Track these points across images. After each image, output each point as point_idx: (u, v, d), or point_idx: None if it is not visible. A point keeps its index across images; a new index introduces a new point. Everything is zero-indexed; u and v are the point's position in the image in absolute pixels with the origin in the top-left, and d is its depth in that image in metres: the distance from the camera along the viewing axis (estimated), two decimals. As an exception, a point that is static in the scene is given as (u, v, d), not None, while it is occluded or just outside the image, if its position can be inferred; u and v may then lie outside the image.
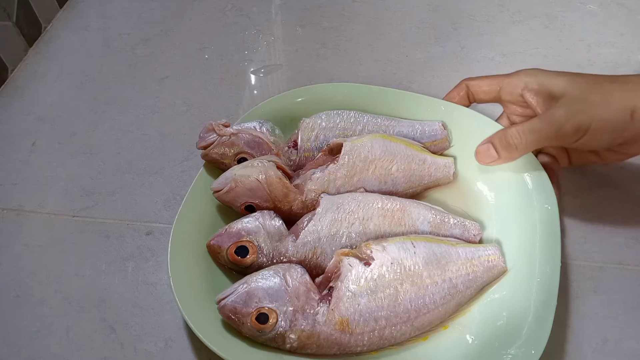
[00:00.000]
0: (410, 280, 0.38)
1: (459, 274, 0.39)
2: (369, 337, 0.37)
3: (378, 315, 0.37)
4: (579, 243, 0.45)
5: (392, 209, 0.42)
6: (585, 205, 0.47)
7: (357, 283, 0.37)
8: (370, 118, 0.48)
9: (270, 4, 0.70)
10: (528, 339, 0.36)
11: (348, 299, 0.37)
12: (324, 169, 0.44)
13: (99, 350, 0.41)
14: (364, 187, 0.44)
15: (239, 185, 0.42)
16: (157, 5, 0.71)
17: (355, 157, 0.44)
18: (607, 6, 0.65)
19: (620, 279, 0.43)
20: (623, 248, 0.44)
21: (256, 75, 0.61)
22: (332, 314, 0.37)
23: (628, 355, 0.39)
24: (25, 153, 0.55)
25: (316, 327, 0.37)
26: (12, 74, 0.63)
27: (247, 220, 0.41)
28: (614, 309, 0.41)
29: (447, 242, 0.41)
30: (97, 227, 0.49)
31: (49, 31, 0.69)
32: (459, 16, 0.66)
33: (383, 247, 0.38)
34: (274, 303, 0.37)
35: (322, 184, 0.43)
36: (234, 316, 0.37)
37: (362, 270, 0.37)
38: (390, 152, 0.45)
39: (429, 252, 0.39)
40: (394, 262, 0.38)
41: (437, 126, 0.48)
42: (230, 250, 0.40)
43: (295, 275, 0.38)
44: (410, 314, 0.38)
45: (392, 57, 0.62)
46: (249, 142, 0.46)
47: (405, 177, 0.45)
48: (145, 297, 0.44)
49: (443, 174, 0.47)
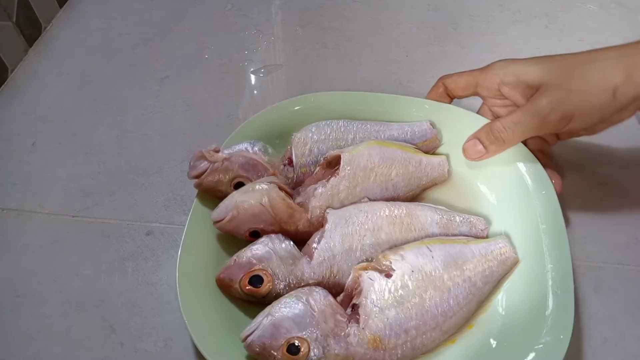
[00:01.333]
0: (434, 285, 0.37)
1: (476, 272, 0.39)
2: (402, 349, 0.36)
3: (408, 326, 0.36)
4: (579, 243, 0.45)
5: (399, 215, 0.42)
6: (585, 205, 0.47)
7: (382, 297, 0.36)
8: (360, 125, 0.48)
9: (270, 4, 0.70)
10: (554, 325, 0.36)
11: (376, 315, 0.36)
12: (326, 184, 0.43)
13: (99, 350, 0.41)
14: (367, 197, 0.44)
15: (241, 212, 0.41)
16: (157, 5, 0.71)
17: (355, 167, 0.43)
18: (607, 6, 0.65)
19: (620, 279, 0.43)
20: (623, 248, 0.44)
21: (256, 75, 0.61)
22: (363, 333, 0.35)
23: (628, 355, 0.39)
24: (25, 153, 0.55)
25: (350, 350, 0.35)
26: (12, 74, 0.63)
27: (256, 247, 0.40)
28: (614, 309, 0.41)
29: (459, 241, 0.41)
30: (97, 227, 0.49)
31: (49, 31, 0.69)
32: (459, 16, 0.66)
33: (401, 256, 0.38)
34: (303, 331, 0.35)
35: (326, 198, 0.42)
36: (263, 352, 0.35)
37: (385, 282, 0.37)
38: (388, 158, 0.44)
39: (446, 254, 0.39)
40: (415, 270, 0.37)
41: (426, 126, 0.49)
42: (243, 281, 0.39)
43: (318, 298, 0.37)
44: (438, 320, 0.37)
45: (392, 57, 0.62)
46: (244, 165, 0.44)
47: (405, 181, 0.45)
48: (145, 297, 0.44)
49: (439, 173, 0.47)
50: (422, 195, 0.47)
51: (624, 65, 0.39)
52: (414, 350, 0.37)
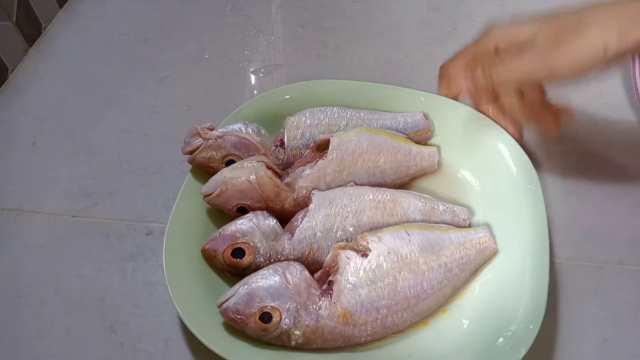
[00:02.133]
0: (408, 268, 0.39)
1: (453, 258, 0.40)
2: (372, 326, 0.38)
3: (379, 304, 0.38)
4: (579, 243, 0.45)
5: (383, 200, 0.43)
6: (585, 205, 0.47)
7: (356, 275, 0.38)
8: (354, 113, 0.49)
9: (270, 4, 0.70)
10: (525, 315, 0.37)
11: (349, 291, 0.37)
12: (314, 166, 0.44)
13: (98, 350, 0.41)
14: (353, 181, 0.45)
15: (229, 188, 0.42)
16: (157, 5, 0.71)
17: (343, 151, 0.44)
18: (607, 6, 0.65)
19: (620, 279, 0.43)
20: (623, 248, 0.44)
21: (256, 75, 0.61)
22: (334, 307, 0.37)
23: (628, 355, 0.39)
24: (25, 153, 0.55)
25: (320, 322, 0.37)
26: (12, 74, 0.63)
27: (240, 222, 0.41)
28: (614, 309, 0.41)
29: (439, 228, 0.42)
30: (97, 227, 0.49)
31: (49, 31, 0.69)
32: (459, 16, 0.66)
33: (379, 238, 0.39)
34: (277, 301, 0.37)
35: (313, 180, 0.44)
36: (237, 318, 0.37)
37: (360, 261, 0.38)
38: (377, 145, 0.46)
39: (423, 239, 0.40)
40: (391, 251, 0.39)
41: (419, 117, 0.50)
42: (226, 253, 0.40)
43: (294, 272, 0.38)
44: (410, 301, 0.38)
45: (392, 57, 0.62)
46: (236, 143, 0.46)
47: (393, 169, 0.46)
48: (145, 297, 0.44)
49: (428, 163, 0.48)
50: (411, 184, 0.48)
51: (617, 23, 0.39)
52: (384, 328, 0.38)
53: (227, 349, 0.36)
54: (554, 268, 0.43)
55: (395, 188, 0.46)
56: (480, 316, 0.39)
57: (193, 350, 0.41)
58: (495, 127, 0.47)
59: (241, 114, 0.50)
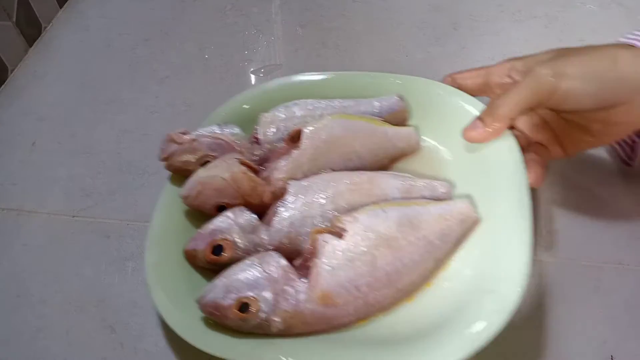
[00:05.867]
0: (386, 244, 0.38)
1: (433, 230, 0.40)
2: (354, 306, 0.38)
3: (359, 283, 0.37)
4: (579, 243, 0.45)
5: (360, 182, 0.43)
6: (585, 205, 0.47)
7: (333, 256, 0.38)
8: (328, 103, 0.49)
9: (271, 4, 0.70)
10: (510, 278, 0.37)
11: (327, 272, 0.37)
12: (288, 158, 0.44)
13: (99, 350, 0.41)
14: (330, 168, 0.45)
15: (205, 188, 0.42)
16: (157, 5, 0.71)
17: (317, 139, 0.44)
18: (606, 6, 0.65)
19: (620, 279, 0.43)
20: (623, 248, 0.44)
21: (256, 75, 0.61)
22: (313, 290, 0.37)
23: (628, 355, 0.39)
24: (25, 153, 0.55)
25: (299, 306, 0.37)
26: (12, 74, 0.63)
27: (218, 220, 0.41)
28: (614, 309, 0.41)
29: (418, 203, 0.42)
30: (97, 227, 0.49)
31: (49, 31, 0.69)
32: (459, 16, 0.66)
33: (354, 218, 0.39)
34: (253, 291, 0.37)
35: (289, 171, 0.44)
36: (215, 311, 0.37)
37: (337, 243, 0.38)
38: (351, 130, 0.46)
39: (401, 215, 0.40)
40: (367, 230, 0.38)
41: (395, 99, 0.49)
42: (206, 251, 0.40)
43: (270, 260, 0.38)
44: (392, 277, 0.38)
45: (392, 57, 0.62)
46: (211, 144, 0.46)
47: (370, 152, 0.46)
48: (145, 297, 0.44)
49: (407, 144, 0.48)
50: (392, 167, 0.48)
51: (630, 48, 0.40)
52: (367, 306, 0.38)
53: (209, 343, 0.37)
54: (554, 268, 0.43)
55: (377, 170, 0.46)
56: (465, 286, 0.39)
57: (193, 349, 0.41)
58: (471, 100, 0.47)
59: (216, 117, 0.50)
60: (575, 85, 0.40)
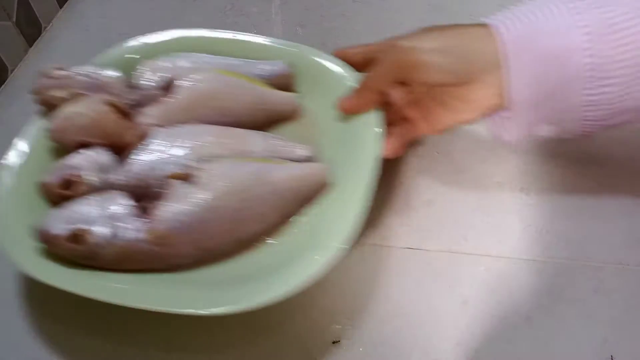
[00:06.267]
0: (233, 195, 0.40)
1: (283, 188, 0.42)
2: (190, 249, 0.39)
3: (198, 228, 0.39)
4: (579, 243, 0.45)
5: (225, 136, 0.44)
6: (585, 205, 0.47)
7: (177, 200, 0.39)
8: (214, 59, 0.50)
9: (270, 4, 0.70)
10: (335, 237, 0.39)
11: (166, 214, 0.39)
12: (159, 105, 0.45)
13: (99, 350, 0.41)
14: (203, 121, 0.46)
15: (69, 124, 0.43)
16: (157, 5, 0.71)
17: (191, 91, 0.46)
18: (607, 6, 0.65)
19: (620, 279, 0.43)
20: (623, 248, 0.44)
21: (256, 75, 0.61)
22: (150, 230, 0.38)
23: (628, 355, 0.39)
24: (25, 153, 0.55)
25: (134, 243, 0.38)
26: (12, 74, 0.63)
27: (75, 156, 0.42)
28: (614, 309, 0.41)
29: (274, 161, 0.43)
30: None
31: (49, 31, 0.69)
32: (459, 16, 0.65)
33: (206, 167, 0.41)
34: (89, 224, 0.38)
35: (158, 118, 0.45)
36: (47, 239, 0.38)
37: (185, 188, 0.39)
38: (229, 86, 0.47)
39: (254, 169, 0.42)
40: (217, 178, 0.40)
41: (282, 64, 0.51)
42: (57, 184, 0.41)
43: (113, 198, 0.40)
44: (234, 226, 0.40)
45: (392, 57, 0.61)
46: (85, 83, 0.46)
47: (246, 110, 0.47)
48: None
49: (286, 108, 0.49)
50: (270, 128, 0.49)
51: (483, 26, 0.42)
52: (202, 251, 0.40)
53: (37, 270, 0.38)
54: (554, 268, 0.43)
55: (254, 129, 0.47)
56: (302, 239, 0.41)
57: (193, 349, 0.40)
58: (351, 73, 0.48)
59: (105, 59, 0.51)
60: (430, 58, 0.42)
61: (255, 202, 0.41)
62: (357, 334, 0.40)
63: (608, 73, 0.39)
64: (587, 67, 0.39)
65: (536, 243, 0.45)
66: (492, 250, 0.44)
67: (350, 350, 0.40)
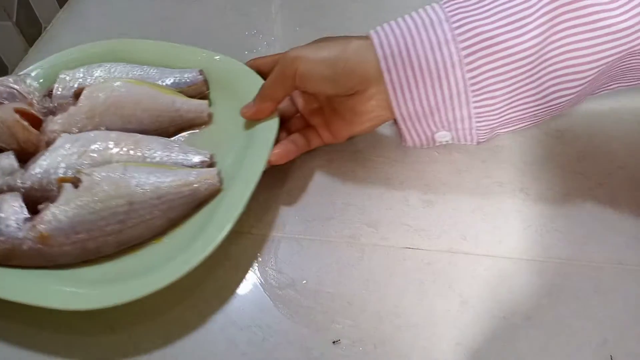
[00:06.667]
0: (118, 199, 0.42)
1: (172, 193, 0.44)
2: (72, 248, 0.42)
3: (80, 229, 0.41)
4: (579, 243, 0.45)
5: (125, 142, 0.46)
6: (584, 204, 0.47)
7: (65, 202, 0.42)
8: (131, 68, 0.53)
9: (271, 4, 0.70)
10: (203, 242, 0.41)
11: (52, 215, 0.41)
12: (64, 113, 0.48)
13: (98, 350, 0.41)
14: (106, 127, 0.48)
15: None
16: (157, 5, 0.71)
17: (95, 99, 0.48)
18: (607, 6, 0.65)
19: (620, 279, 0.43)
20: (623, 248, 0.44)
21: (256, 75, 0.61)
22: (34, 229, 0.41)
23: (628, 355, 0.39)
24: (25, 153, 0.55)
25: (19, 242, 0.41)
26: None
27: None
28: (614, 309, 0.41)
29: (166, 166, 0.45)
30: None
31: (49, 31, 0.69)
32: (459, 16, 0.66)
33: (95, 171, 0.43)
34: None
35: (63, 125, 0.48)
36: None
37: (72, 191, 0.42)
38: (135, 95, 0.49)
39: (141, 174, 0.43)
40: (101, 182, 0.42)
41: (194, 72, 0.53)
42: None
43: (5, 199, 0.42)
44: (115, 227, 0.42)
45: (392, 57, 0.61)
46: (1, 92, 0.49)
47: (152, 118, 0.49)
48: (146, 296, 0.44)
49: (196, 115, 0.51)
50: (180, 135, 0.52)
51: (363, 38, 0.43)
52: (86, 251, 0.42)
53: None
54: (554, 268, 0.43)
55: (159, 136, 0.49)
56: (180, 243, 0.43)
57: (193, 349, 0.41)
58: (259, 81, 0.50)
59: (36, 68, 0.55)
60: (309, 68, 0.43)
61: (141, 207, 0.42)
62: (357, 334, 0.40)
63: (490, 87, 0.40)
64: (469, 81, 0.39)
65: (536, 243, 0.45)
66: (492, 250, 0.44)
67: (350, 350, 0.40)
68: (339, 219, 0.47)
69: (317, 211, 0.48)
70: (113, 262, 0.43)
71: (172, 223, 0.45)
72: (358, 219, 0.47)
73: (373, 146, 0.52)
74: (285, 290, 0.43)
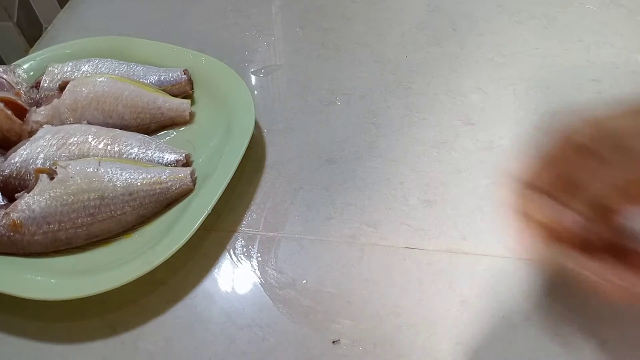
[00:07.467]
0: (90, 193, 0.43)
1: (142, 189, 0.45)
2: (42, 237, 0.43)
3: (51, 219, 0.42)
4: (578, 243, 0.45)
5: (104, 137, 0.47)
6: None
7: (39, 193, 0.43)
8: (118, 65, 0.54)
9: (271, 5, 0.70)
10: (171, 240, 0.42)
11: (25, 204, 0.42)
12: (48, 105, 0.49)
13: (99, 350, 0.41)
14: (88, 121, 0.49)
15: None
16: (157, 5, 0.71)
17: (78, 93, 0.49)
18: (606, 6, 0.65)
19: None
20: (622, 248, 0.44)
21: (256, 75, 0.61)
22: (7, 217, 0.42)
23: (628, 355, 0.39)
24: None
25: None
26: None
27: None
28: (614, 309, 0.41)
29: (140, 163, 0.46)
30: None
31: (50, 32, 0.69)
32: (459, 17, 0.66)
33: (71, 164, 0.44)
34: None
35: (46, 116, 0.49)
36: None
37: (47, 182, 0.43)
38: (116, 90, 0.50)
39: (115, 169, 0.44)
40: (75, 176, 0.43)
41: (179, 72, 0.54)
42: None
43: None
44: (85, 220, 0.43)
45: (392, 58, 0.62)
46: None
47: (133, 114, 0.51)
48: (146, 296, 0.44)
49: (177, 114, 0.52)
50: (161, 132, 0.53)
51: None
52: (57, 241, 0.43)
53: None
54: (554, 268, 0.43)
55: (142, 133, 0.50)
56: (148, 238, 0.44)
57: (194, 348, 0.41)
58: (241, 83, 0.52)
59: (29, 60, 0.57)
60: None
61: (112, 202, 0.44)
62: (357, 334, 0.40)
63: None
64: None
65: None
66: (492, 250, 0.45)
67: (350, 350, 0.40)
68: (339, 218, 0.47)
69: (317, 211, 0.48)
70: (84, 254, 0.44)
71: (143, 219, 0.46)
72: (358, 219, 0.47)
73: (373, 146, 0.52)
74: (285, 290, 0.43)
